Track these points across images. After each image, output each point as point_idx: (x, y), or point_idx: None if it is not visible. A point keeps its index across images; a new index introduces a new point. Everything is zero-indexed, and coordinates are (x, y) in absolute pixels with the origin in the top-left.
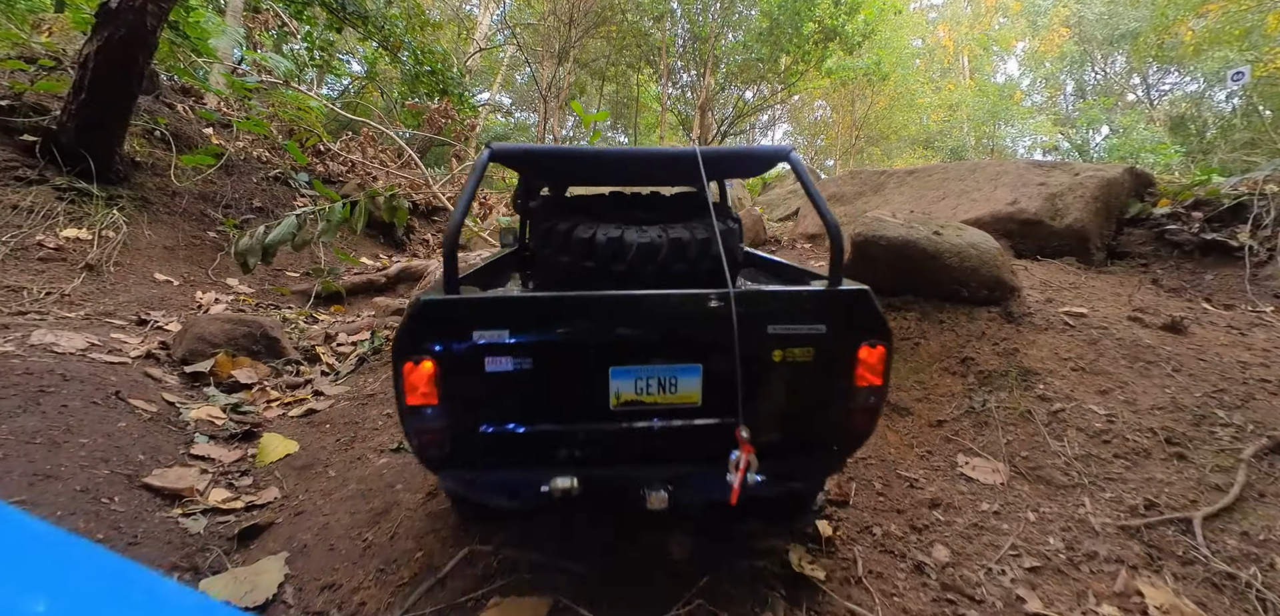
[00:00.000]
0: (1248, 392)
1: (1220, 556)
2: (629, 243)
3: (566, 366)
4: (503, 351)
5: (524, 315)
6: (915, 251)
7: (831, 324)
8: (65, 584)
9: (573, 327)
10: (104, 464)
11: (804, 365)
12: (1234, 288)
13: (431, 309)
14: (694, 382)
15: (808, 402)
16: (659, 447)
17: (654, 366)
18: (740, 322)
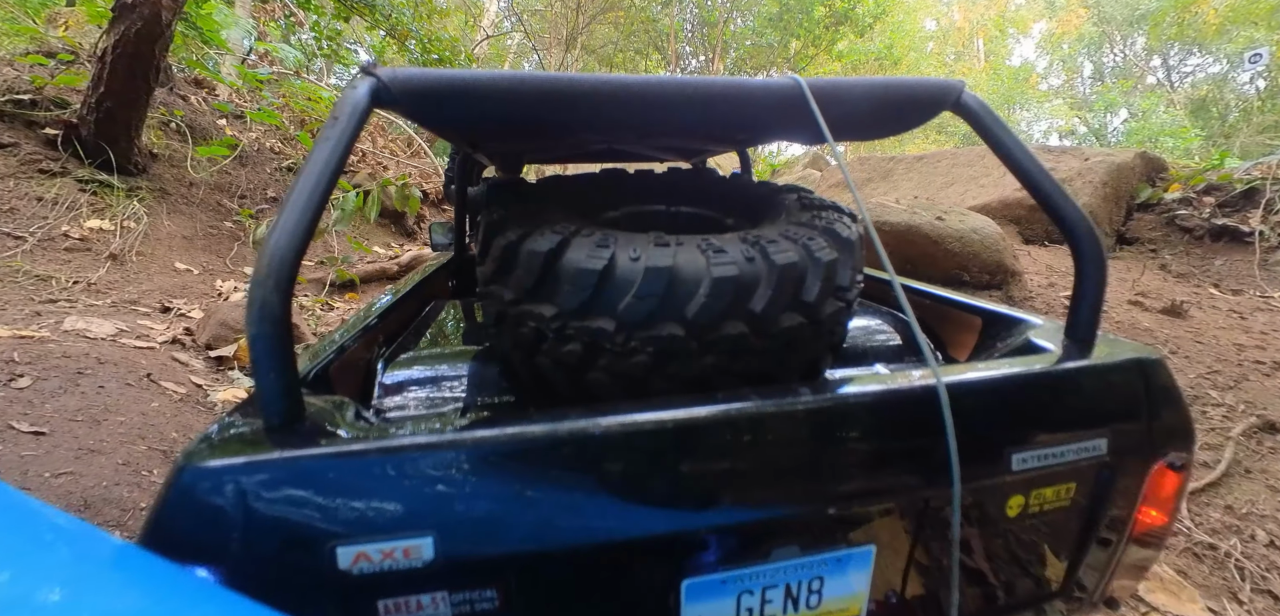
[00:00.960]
0: (1241, 374)
1: (1203, 528)
2: (694, 273)
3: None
4: (421, 584)
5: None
6: (918, 237)
7: (1114, 433)
8: (79, 573)
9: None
10: (141, 439)
11: (1056, 511)
12: (1244, 273)
13: (204, 481)
14: (859, 583)
15: (1048, 578)
16: None
17: (773, 562)
18: None
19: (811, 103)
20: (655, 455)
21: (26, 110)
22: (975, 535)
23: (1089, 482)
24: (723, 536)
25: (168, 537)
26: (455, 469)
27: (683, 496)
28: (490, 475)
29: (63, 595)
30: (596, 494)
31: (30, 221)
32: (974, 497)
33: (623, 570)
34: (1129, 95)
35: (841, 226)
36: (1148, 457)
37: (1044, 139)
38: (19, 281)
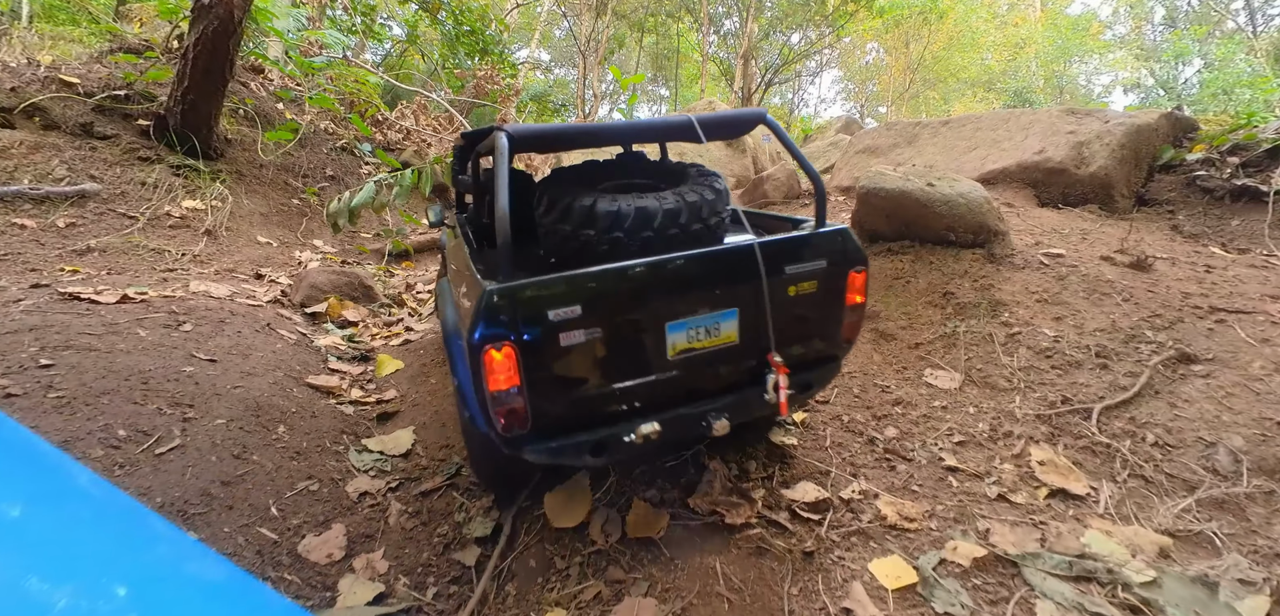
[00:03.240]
0: (1178, 317)
1: (1105, 433)
2: (653, 210)
3: (631, 329)
4: (575, 325)
5: (590, 288)
6: (909, 201)
7: (829, 259)
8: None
9: (636, 293)
10: (278, 368)
11: (811, 295)
12: (1258, 232)
13: (503, 296)
14: (732, 324)
15: (815, 324)
16: (710, 383)
17: (701, 317)
18: (772, 262)
19: (697, 129)
20: (668, 271)
21: (122, 104)
22: (776, 304)
23: (821, 280)
24: (682, 305)
25: (488, 320)
26: (581, 285)
27: (673, 286)
28: (599, 286)
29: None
30: (645, 286)
31: (138, 203)
32: (771, 287)
33: (650, 315)
34: (1203, 43)
35: (718, 184)
36: (846, 266)
37: (1106, 94)
38: (140, 254)
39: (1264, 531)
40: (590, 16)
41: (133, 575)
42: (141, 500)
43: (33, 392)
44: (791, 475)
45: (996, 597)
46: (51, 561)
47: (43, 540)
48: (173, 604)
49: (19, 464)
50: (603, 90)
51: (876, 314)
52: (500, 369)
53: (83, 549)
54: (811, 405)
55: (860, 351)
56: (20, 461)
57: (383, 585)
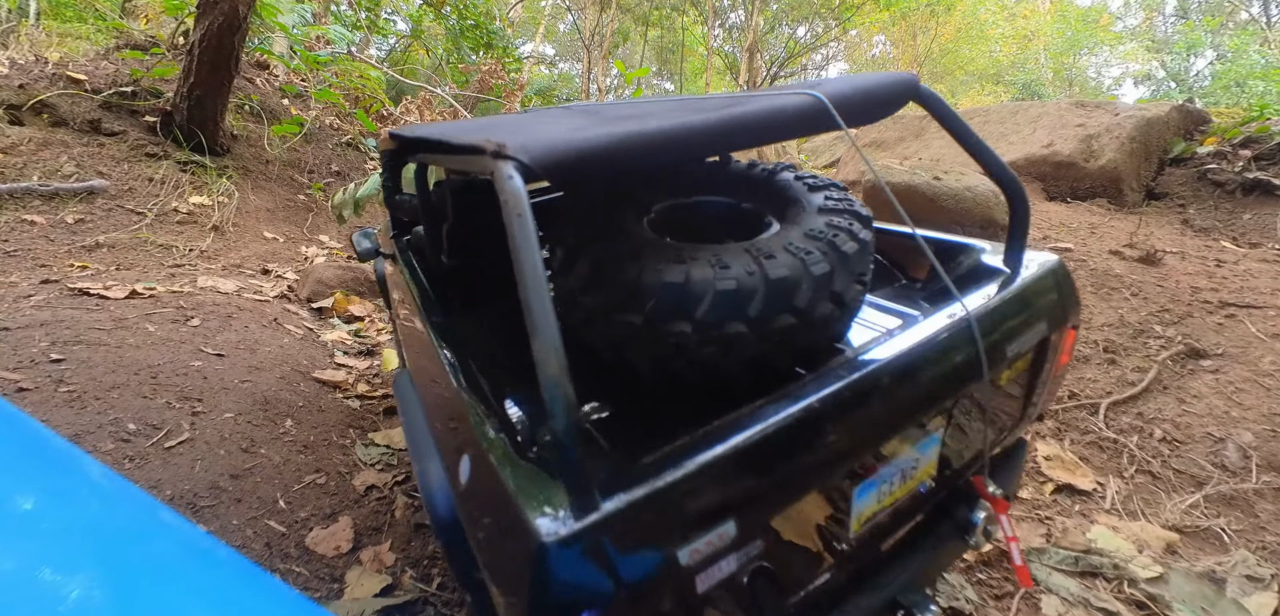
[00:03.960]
0: (1187, 312)
1: (1112, 428)
2: (794, 278)
3: (804, 520)
4: (725, 552)
5: (755, 468)
6: (916, 195)
7: (1048, 316)
8: None
9: (820, 451)
10: (285, 363)
11: (1023, 374)
12: (1269, 226)
13: (586, 543)
14: (933, 454)
15: (1017, 409)
16: (898, 548)
17: (897, 461)
18: (974, 359)
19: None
20: (861, 395)
21: (129, 100)
22: (995, 403)
23: (1036, 351)
24: (876, 447)
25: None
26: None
27: (862, 430)
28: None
29: None
30: (829, 435)
31: (146, 199)
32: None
33: (831, 482)
34: (1216, 34)
35: (858, 209)
36: (1063, 322)
37: (1116, 87)
38: (148, 250)
39: (1272, 527)
40: (595, 10)
41: (143, 567)
42: (151, 493)
43: (44, 387)
44: None
45: (1002, 592)
46: (63, 553)
47: (55, 532)
48: (183, 595)
49: (31, 457)
50: (608, 84)
51: None
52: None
53: (94, 541)
54: None
55: None
56: (32, 455)
57: (389, 577)
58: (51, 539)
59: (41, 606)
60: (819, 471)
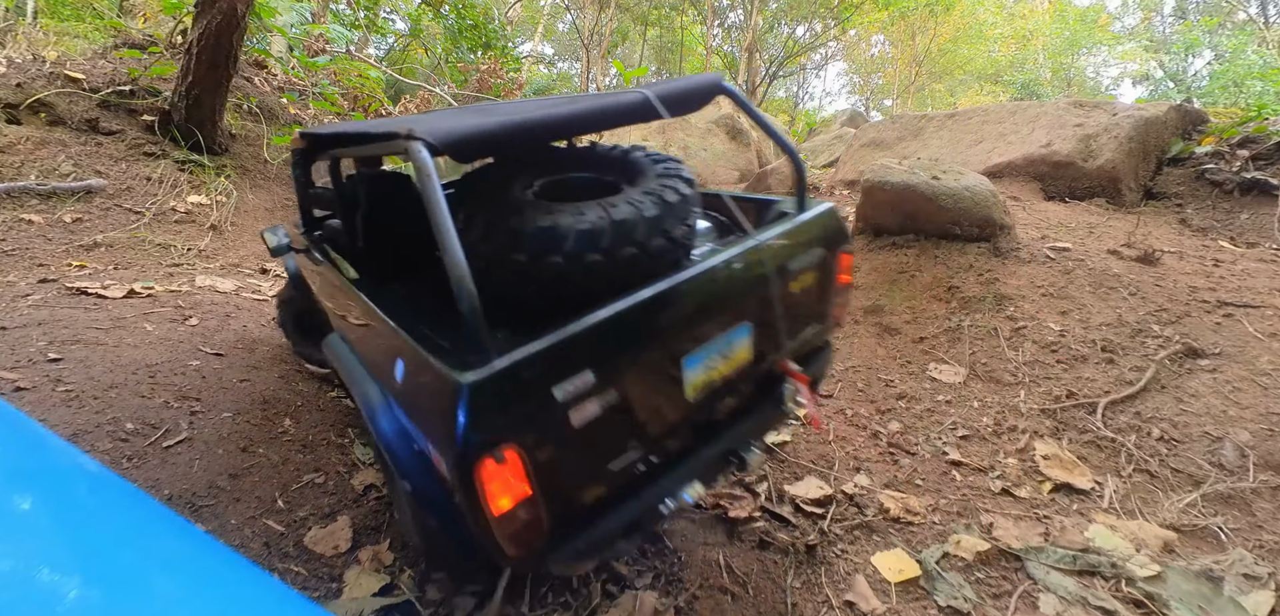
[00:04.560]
0: (1185, 311)
1: (1110, 428)
2: (632, 220)
3: (650, 378)
4: (588, 396)
5: (602, 341)
6: (915, 194)
7: (824, 243)
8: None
9: (653, 332)
10: (284, 362)
11: (809, 286)
12: (1267, 227)
13: (494, 383)
14: (746, 341)
15: (812, 314)
16: (728, 414)
17: (715, 342)
18: (773, 271)
19: (656, 104)
20: (681, 295)
21: (127, 99)
22: (782, 304)
23: (818, 267)
24: (697, 331)
25: (476, 423)
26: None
27: (687, 312)
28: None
29: None
30: (659, 322)
31: (144, 198)
32: (778, 287)
33: (665, 355)
34: (1214, 34)
35: (685, 172)
36: (837, 248)
37: (1114, 87)
38: (146, 249)
39: (1270, 526)
40: (594, 9)
41: (142, 566)
42: (149, 492)
43: (41, 386)
44: (795, 470)
45: (1000, 591)
46: (62, 552)
47: (53, 532)
48: (181, 594)
49: (30, 457)
50: (607, 84)
51: (881, 308)
52: (503, 483)
53: (92, 540)
54: (817, 404)
55: (864, 345)
56: (31, 455)
57: (388, 576)
58: (50, 538)
59: (40, 606)
60: (649, 342)
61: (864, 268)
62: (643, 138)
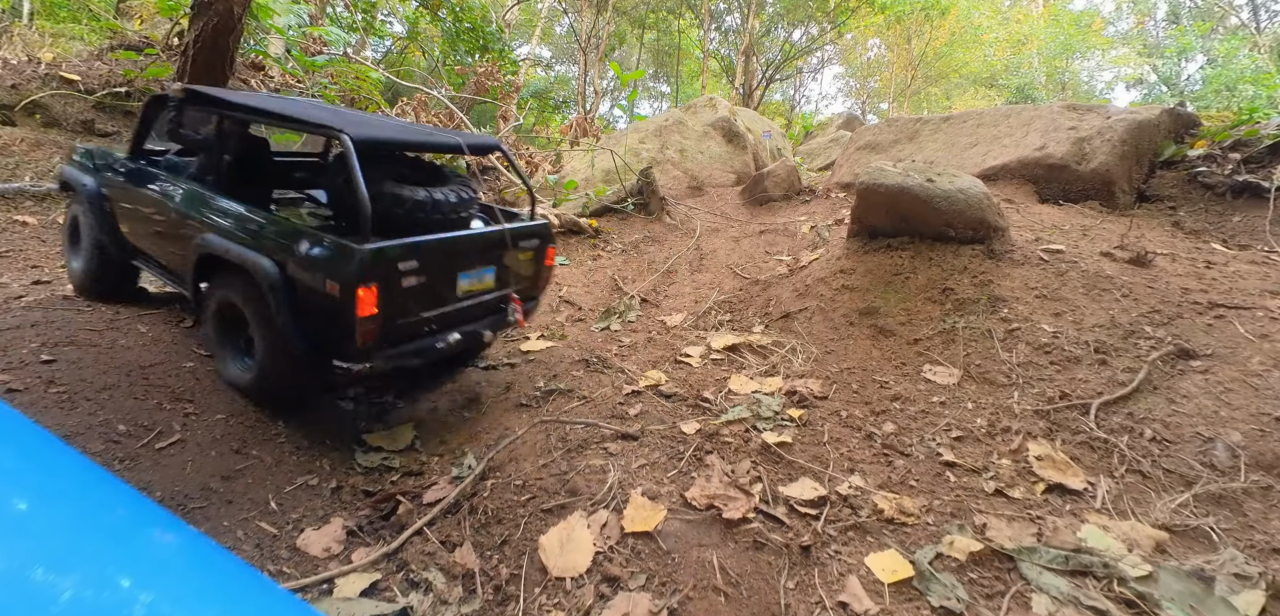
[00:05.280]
0: (1177, 313)
1: (1103, 428)
2: (443, 202)
3: (443, 275)
4: (412, 273)
5: (424, 250)
6: (909, 197)
7: (538, 237)
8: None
9: (449, 253)
10: None
11: (528, 259)
12: (1258, 229)
13: (377, 254)
14: (491, 276)
15: (530, 276)
16: (479, 312)
17: (476, 270)
18: (510, 241)
19: (465, 149)
20: (463, 243)
21: (123, 101)
22: (513, 263)
23: (534, 250)
24: (468, 261)
25: (365, 270)
26: (418, 250)
27: (462, 253)
28: (429, 251)
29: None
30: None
31: None
32: (512, 253)
33: (451, 268)
34: (1206, 39)
35: (471, 187)
36: (546, 243)
37: (1109, 90)
38: None
39: (1261, 526)
40: (591, 13)
41: (135, 566)
42: (143, 493)
43: (34, 388)
44: (790, 471)
45: (993, 591)
46: (56, 553)
47: (48, 532)
48: (174, 594)
49: (25, 458)
50: (603, 87)
51: (876, 310)
52: (367, 301)
53: (86, 540)
54: (810, 402)
55: (859, 347)
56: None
57: (379, 573)
58: (44, 538)
59: (34, 606)
60: (443, 258)
61: (859, 270)
62: (640, 141)
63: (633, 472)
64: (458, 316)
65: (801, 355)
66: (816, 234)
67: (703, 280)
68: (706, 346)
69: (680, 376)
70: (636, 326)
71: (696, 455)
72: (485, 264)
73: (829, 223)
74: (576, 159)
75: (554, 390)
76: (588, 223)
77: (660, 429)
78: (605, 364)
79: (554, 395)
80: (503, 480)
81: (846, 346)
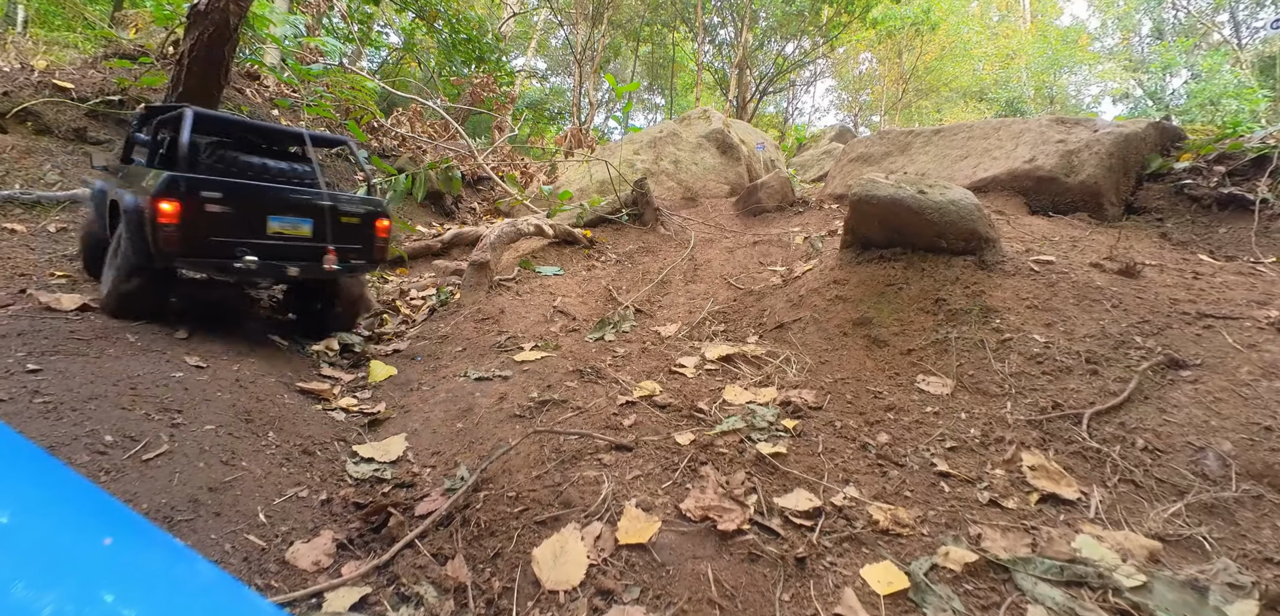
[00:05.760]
0: (1167, 323)
1: (1095, 438)
2: (273, 168)
3: (247, 211)
4: (216, 202)
5: (227, 190)
6: (902, 208)
7: (365, 208)
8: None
9: (250, 195)
10: (269, 374)
11: (355, 225)
12: (1244, 240)
13: (170, 179)
14: (309, 227)
15: (359, 240)
16: (293, 252)
17: (290, 218)
18: (330, 206)
19: (307, 141)
20: (271, 193)
21: (117, 109)
22: (335, 224)
23: (361, 219)
24: (280, 209)
25: (166, 188)
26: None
27: (272, 201)
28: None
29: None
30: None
31: None
32: (332, 215)
33: (259, 208)
34: (1190, 54)
35: (310, 165)
36: (375, 216)
37: (1095, 104)
38: None
39: (1253, 535)
40: (586, 25)
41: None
42: (128, 505)
43: (19, 397)
44: (784, 481)
45: (988, 602)
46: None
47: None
48: (160, 609)
49: (7, 468)
50: (599, 98)
51: (869, 320)
52: (168, 213)
53: (69, 555)
54: (805, 412)
55: (852, 357)
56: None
57: (369, 586)
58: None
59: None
60: (252, 200)
61: (852, 281)
62: (635, 153)
63: (627, 484)
64: (265, 249)
65: (796, 365)
66: (810, 245)
67: (697, 291)
68: (701, 357)
69: (675, 387)
70: (631, 337)
71: (691, 466)
72: (302, 217)
73: (822, 234)
74: (572, 169)
75: (548, 401)
76: (582, 233)
77: (654, 440)
78: (599, 374)
79: (548, 406)
80: (496, 491)
81: (841, 357)
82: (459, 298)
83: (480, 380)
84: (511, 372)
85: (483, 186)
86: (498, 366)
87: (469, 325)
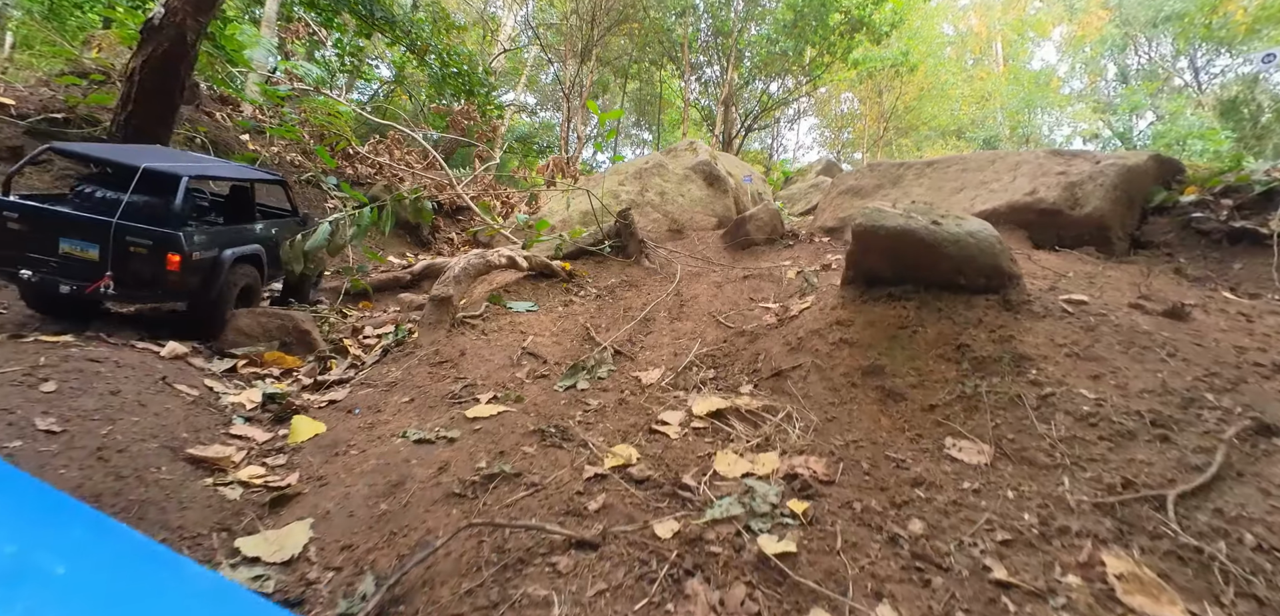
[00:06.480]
0: (1239, 376)
1: (1190, 531)
2: (101, 199)
3: (39, 232)
4: (14, 222)
5: (22, 210)
6: (913, 240)
7: (152, 241)
8: (86, 553)
9: (41, 218)
10: (154, 438)
11: (144, 255)
12: (1263, 276)
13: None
14: (95, 251)
15: (150, 269)
16: (78, 271)
17: (77, 241)
18: (118, 232)
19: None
20: (66, 218)
21: (61, 127)
22: (121, 251)
23: (150, 249)
24: (69, 233)
25: None
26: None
27: (60, 225)
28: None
29: (68, 570)
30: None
31: None
32: (116, 243)
33: (53, 230)
34: (1155, 98)
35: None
36: (164, 248)
37: (1067, 143)
38: None
39: None
40: (575, 62)
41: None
42: None
43: None
44: (796, 598)
45: None
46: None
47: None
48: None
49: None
50: (588, 133)
51: (881, 368)
52: None
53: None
54: (815, 489)
55: (865, 413)
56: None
57: None
58: None
59: None
60: (44, 223)
61: (857, 322)
62: (620, 183)
63: (586, 605)
64: (51, 267)
65: (799, 423)
66: (804, 279)
67: (683, 329)
68: (687, 411)
69: (655, 452)
70: (607, 384)
71: (673, 575)
72: (89, 242)
73: (816, 268)
74: (554, 200)
75: (498, 473)
76: (561, 265)
77: (627, 532)
78: (565, 435)
79: (496, 480)
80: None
81: (850, 412)
82: (417, 337)
83: (420, 443)
84: (460, 432)
85: (463, 217)
86: (444, 424)
87: (423, 370)
